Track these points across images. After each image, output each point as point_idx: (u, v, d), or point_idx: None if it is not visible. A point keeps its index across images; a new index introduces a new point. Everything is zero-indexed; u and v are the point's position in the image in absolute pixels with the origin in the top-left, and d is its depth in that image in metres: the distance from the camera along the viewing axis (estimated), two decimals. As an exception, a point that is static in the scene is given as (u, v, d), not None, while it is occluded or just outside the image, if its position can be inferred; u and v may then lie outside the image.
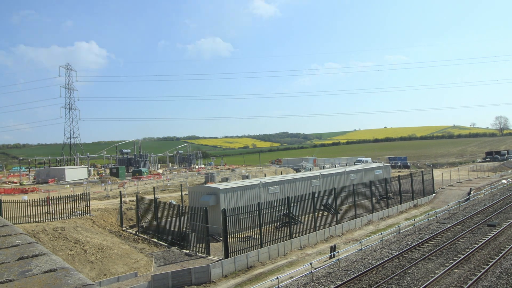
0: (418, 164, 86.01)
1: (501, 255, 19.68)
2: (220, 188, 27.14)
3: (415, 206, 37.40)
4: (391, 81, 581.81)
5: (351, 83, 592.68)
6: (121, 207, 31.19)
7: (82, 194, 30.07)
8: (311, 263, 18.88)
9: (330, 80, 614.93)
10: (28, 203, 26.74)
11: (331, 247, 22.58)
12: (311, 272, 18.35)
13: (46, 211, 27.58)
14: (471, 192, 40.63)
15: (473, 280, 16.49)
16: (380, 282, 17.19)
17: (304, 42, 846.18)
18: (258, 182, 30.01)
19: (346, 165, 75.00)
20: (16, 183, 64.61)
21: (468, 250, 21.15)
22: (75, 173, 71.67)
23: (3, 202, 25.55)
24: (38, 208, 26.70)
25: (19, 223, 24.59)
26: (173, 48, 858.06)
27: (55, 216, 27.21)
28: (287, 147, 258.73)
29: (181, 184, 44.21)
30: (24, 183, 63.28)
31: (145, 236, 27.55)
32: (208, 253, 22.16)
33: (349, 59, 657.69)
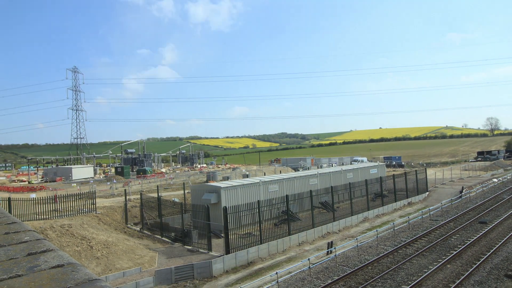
0: (412, 164, 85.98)
1: (492, 251, 19.67)
2: (221, 186, 27.13)
3: (409, 204, 37.39)
4: (387, 83, 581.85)
5: (348, 85, 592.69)
6: (126, 205, 31.18)
7: (88, 192, 30.05)
8: (309, 259, 18.88)
9: (327, 82, 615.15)
10: (36, 201, 26.73)
11: (328, 243, 22.56)
12: (309, 267, 18.35)
13: (53, 208, 27.56)
14: (463, 191, 40.62)
15: (465, 275, 16.48)
16: (375, 277, 17.18)
17: (304, 47, 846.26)
18: (258, 181, 30.00)
19: (343, 165, 75.01)
20: (24, 181, 64.56)
21: (460, 246, 21.13)
22: (81, 172, 71.71)
23: (12, 200, 25.55)
24: (46, 205, 26.68)
25: (27, 220, 24.58)
26: (177, 51, 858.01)
27: (62, 213, 27.20)
28: (286, 147, 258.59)
29: (183, 183, 44.20)
30: (32, 182, 63.24)
31: (149, 233, 27.54)
32: (209, 249, 22.15)
33: (346, 62, 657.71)
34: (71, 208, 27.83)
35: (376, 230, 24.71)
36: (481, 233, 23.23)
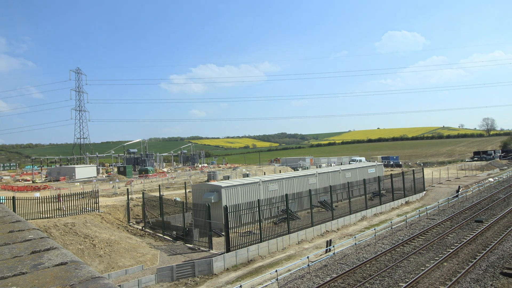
0: (410, 163, 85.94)
1: (488, 249, 19.67)
2: (222, 185, 27.12)
3: (407, 203, 37.38)
4: (384, 84, 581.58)
5: (346, 86, 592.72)
6: (128, 203, 31.18)
7: (91, 191, 30.04)
8: (308, 257, 18.89)
9: (326, 83, 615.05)
10: (40, 200, 26.73)
11: (327, 241, 22.57)
12: (308, 265, 18.35)
13: (57, 207, 27.56)
14: (460, 190, 40.60)
15: (461, 273, 16.48)
16: (373, 275, 17.17)
17: (303, 48, 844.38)
18: (258, 180, 29.99)
19: (341, 164, 74.99)
20: (29, 181, 64.57)
21: (456, 244, 21.14)
22: (84, 171, 71.70)
23: (17, 199, 25.55)
24: (50, 204, 26.68)
25: (31, 219, 24.57)
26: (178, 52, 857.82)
27: (66, 212, 27.19)
28: (286, 147, 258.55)
29: (185, 182, 44.22)
30: (36, 181, 63.24)
31: (151, 231, 27.53)
32: (210, 247, 22.15)
33: (345, 63, 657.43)
34: (75, 207, 27.83)
35: (374, 229, 24.70)
36: (477, 232, 23.23)
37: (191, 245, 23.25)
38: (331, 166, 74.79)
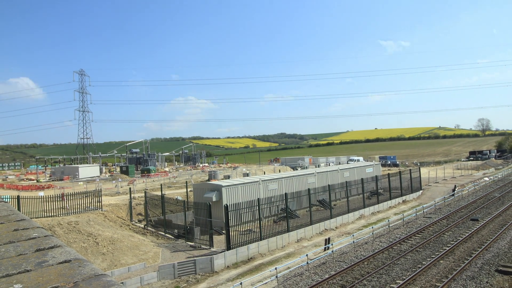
0: (407, 163, 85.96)
1: (483, 247, 19.67)
2: (223, 185, 27.12)
3: (404, 201, 37.37)
4: (382, 84, 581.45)
5: (345, 86, 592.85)
6: (130, 202, 31.17)
7: (95, 190, 30.05)
8: (307, 255, 18.89)
9: (325, 83, 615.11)
10: (44, 199, 26.74)
11: (326, 239, 22.57)
12: (307, 263, 18.36)
13: (61, 206, 27.57)
14: (456, 189, 40.61)
15: (457, 271, 16.48)
16: (371, 272, 17.17)
17: (301, 49, 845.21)
18: (258, 179, 29.99)
19: (340, 164, 74.99)
20: (33, 180, 64.57)
21: (453, 242, 21.14)
22: (88, 171, 71.70)
23: (21, 198, 25.55)
24: (54, 203, 26.69)
25: (36, 218, 24.57)
26: (180, 54, 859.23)
27: (70, 211, 27.20)
28: (285, 147, 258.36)
29: (186, 181, 44.23)
30: (40, 180, 63.24)
31: (153, 230, 27.53)
32: (211, 245, 22.14)
33: (343, 65, 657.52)
34: (78, 206, 27.84)
35: (372, 227, 24.71)
36: (473, 230, 23.23)
37: (192, 243, 23.24)
38: (329, 165, 74.78)
